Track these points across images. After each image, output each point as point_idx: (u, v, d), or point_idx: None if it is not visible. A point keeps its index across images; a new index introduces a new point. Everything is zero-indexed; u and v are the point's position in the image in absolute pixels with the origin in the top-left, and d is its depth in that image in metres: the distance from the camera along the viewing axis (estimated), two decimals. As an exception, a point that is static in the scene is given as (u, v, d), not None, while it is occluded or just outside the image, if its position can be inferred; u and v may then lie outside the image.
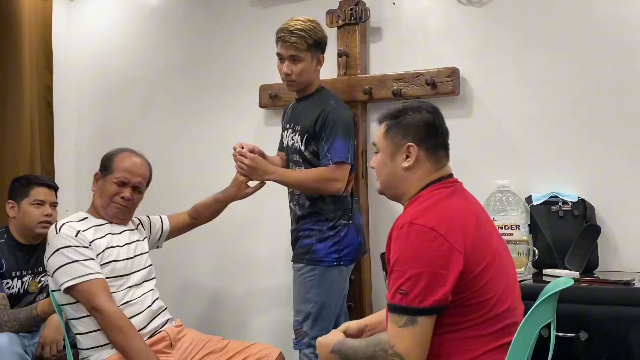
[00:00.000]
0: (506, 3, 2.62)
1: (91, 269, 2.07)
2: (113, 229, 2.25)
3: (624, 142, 2.42)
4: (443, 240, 1.52)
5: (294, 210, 2.53)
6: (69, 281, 2.04)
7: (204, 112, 3.30)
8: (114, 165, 2.26)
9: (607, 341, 1.94)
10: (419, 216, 1.56)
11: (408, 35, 2.79)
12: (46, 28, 3.38)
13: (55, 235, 2.12)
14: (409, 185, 1.70)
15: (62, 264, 2.06)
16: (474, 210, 1.68)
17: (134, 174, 2.27)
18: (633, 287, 2.03)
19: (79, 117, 3.65)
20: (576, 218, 2.36)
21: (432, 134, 1.70)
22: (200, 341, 2.27)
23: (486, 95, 2.64)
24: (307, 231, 2.43)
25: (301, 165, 2.46)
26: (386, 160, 1.73)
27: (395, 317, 1.54)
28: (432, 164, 1.70)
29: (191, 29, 3.35)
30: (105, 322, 2.02)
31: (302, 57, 2.39)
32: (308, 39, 2.38)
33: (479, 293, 1.55)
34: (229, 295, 3.23)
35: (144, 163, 2.33)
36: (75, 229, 2.14)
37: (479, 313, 1.55)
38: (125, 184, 2.25)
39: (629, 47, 2.42)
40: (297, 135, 2.45)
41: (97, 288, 2.04)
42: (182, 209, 2.62)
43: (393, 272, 1.57)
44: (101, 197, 2.25)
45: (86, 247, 2.11)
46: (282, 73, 2.44)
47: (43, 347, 2.34)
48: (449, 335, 1.56)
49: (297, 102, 2.54)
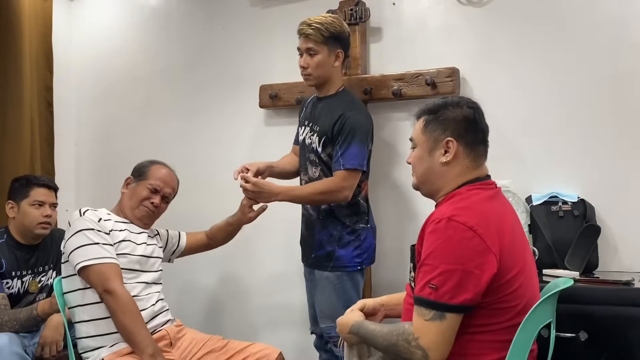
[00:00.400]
0: (506, 3, 2.62)
1: (109, 252, 2.13)
2: (132, 228, 2.32)
3: (623, 142, 2.42)
4: (480, 241, 1.50)
5: (308, 214, 2.51)
6: (85, 261, 2.08)
7: (204, 112, 3.29)
8: (149, 172, 2.37)
9: (607, 341, 1.94)
10: (458, 214, 1.53)
11: (408, 35, 2.79)
12: (46, 28, 3.38)
13: (79, 217, 2.20)
14: (446, 181, 1.67)
15: (81, 244, 2.11)
16: (510, 217, 1.66)
17: (166, 184, 2.38)
18: (633, 287, 2.03)
19: (79, 117, 3.65)
20: (576, 218, 2.36)
21: (472, 130, 1.67)
22: (200, 340, 2.28)
23: (486, 95, 2.63)
24: (327, 237, 2.43)
25: (317, 166, 2.45)
26: (424, 155, 1.70)
27: (422, 310, 1.51)
28: (471, 160, 1.67)
29: (191, 29, 3.35)
30: (117, 304, 2.04)
31: (318, 50, 2.40)
32: (324, 32, 2.38)
33: (507, 299, 1.54)
34: (229, 296, 3.23)
35: (175, 177, 2.45)
36: (98, 216, 2.23)
37: (503, 318, 1.55)
38: (157, 192, 2.35)
39: (629, 47, 2.42)
40: (315, 136, 2.45)
41: (113, 271, 2.09)
42: (182, 208, 2.62)
43: (424, 265, 1.54)
44: (131, 199, 2.34)
45: (107, 233, 2.19)
46: (300, 67, 2.45)
47: (43, 347, 2.34)
48: (470, 337, 1.54)
49: (318, 100, 2.53)
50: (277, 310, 3.07)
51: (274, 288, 3.09)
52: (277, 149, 2.77)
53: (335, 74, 2.48)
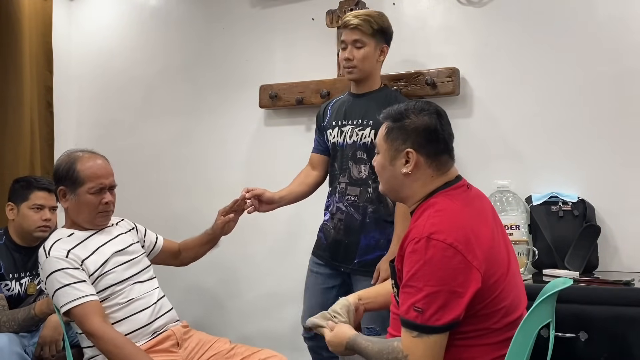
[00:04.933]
0: (506, 3, 2.62)
1: (82, 291, 1.99)
2: (101, 238, 2.19)
3: (623, 142, 2.42)
4: (462, 258, 1.48)
5: (349, 217, 2.39)
6: (64, 306, 1.99)
7: (204, 112, 3.29)
8: (80, 175, 2.12)
9: (607, 341, 1.94)
10: (437, 230, 1.51)
11: (408, 35, 2.79)
12: (46, 28, 3.38)
13: (46, 259, 2.04)
14: (412, 190, 1.66)
15: (55, 289, 2.00)
16: (491, 221, 1.65)
17: (104, 175, 2.16)
18: (633, 287, 2.03)
19: (79, 117, 3.65)
20: (576, 218, 2.36)
21: (433, 139, 1.64)
22: (207, 342, 2.24)
23: (486, 95, 2.64)
24: (374, 241, 2.36)
25: (366, 163, 2.36)
26: (385, 163, 1.69)
27: (410, 330, 1.51)
28: (434, 169, 1.65)
29: (191, 29, 3.35)
30: (101, 345, 1.97)
31: (366, 42, 2.35)
32: (374, 24, 2.34)
33: (490, 304, 1.54)
34: (233, 298, 3.22)
35: (104, 160, 2.21)
36: (65, 249, 2.06)
37: (488, 323, 1.55)
38: (102, 189, 2.14)
39: (629, 47, 2.42)
40: (369, 130, 2.36)
41: (90, 311, 1.97)
42: (182, 208, 2.62)
43: (408, 287, 1.52)
44: (82, 213, 2.14)
45: (77, 268, 2.03)
46: (343, 60, 2.38)
47: (42, 347, 2.34)
48: (461, 343, 1.54)
49: (356, 96, 2.46)
50: (283, 314, 3.06)
51: (280, 291, 3.08)
52: (277, 149, 2.77)
53: (377, 70, 2.44)
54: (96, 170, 2.14)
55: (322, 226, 2.53)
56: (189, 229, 2.60)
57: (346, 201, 2.40)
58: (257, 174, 3.07)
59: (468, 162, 2.49)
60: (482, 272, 1.50)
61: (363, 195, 2.37)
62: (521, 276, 1.73)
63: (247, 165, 3.16)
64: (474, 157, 2.60)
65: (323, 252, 2.49)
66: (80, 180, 2.12)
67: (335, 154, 2.47)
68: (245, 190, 2.40)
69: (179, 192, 3.26)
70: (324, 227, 2.51)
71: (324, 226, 2.51)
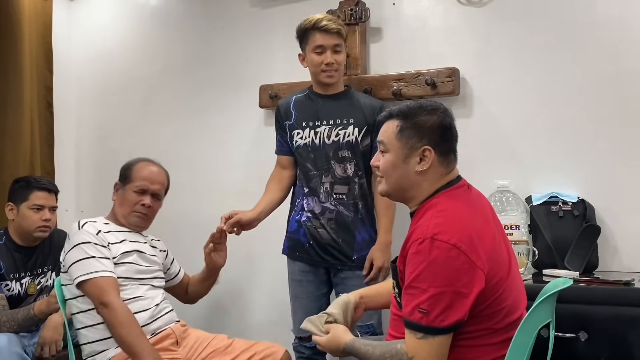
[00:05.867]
0: (506, 3, 2.62)
1: (105, 266, 2.11)
2: (131, 236, 2.30)
3: (623, 142, 2.42)
4: (466, 258, 1.48)
5: (340, 215, 2.40)
6: (82, 275, 2.08)
7: (204, 112, 3.29)
8: (133, 174, 2.32)
9: (607, 341, 1.94)
10: (440, 231, 1.50)
11: (408, 35, 2.79)
12: (46, 28, 3.38)
13: (78, 231, 2.18)
14: (421, 189, 1.65)
15: (79, 259, 2.11)
16: (491, 221, 1.65)
17: (153, 182, 2.33)
18: (633, 287, 2.03)
19: (79, 117, 3.65)
20: (576, 218, 2.36)
21: (447, 137, 1.65)
22: (205, 339, 2.28)
23: (486, 95, 2.63)
24: (368, 236, 2.40)
25: (350, 161, 2.40)
26: (397, 161, 1.65)
27: (414, 332, 1.51)
28: (444, 167, 1.65)
29: (191, 29, 3.34)
30: (113, 317, 2.04)
31: (343, 46, 2.43)
32: (345, 29, 2.44)
33: (493, 304, 1.54)
34: (230, 296, 3.22)
35: (161, 171, 2.40)
36: (96, 228, 2.21)
37: (490, 323, 1.55)
38: (145, 192, 2.31)
39: (629, 47, 2.42)
40: (352, 128, 2.39)
41: (109, 285, 2.08)
42: (182, 208, 2.62)
43: (412, 288, 1.52)
44: (122, 206, 2.31)
45: (104, 246, 2.16)
46: (324, 64, 2.40)
47: (42, 347, 2.34)
48: (464, 343, 1.55)
49: (326, 98, 2.49)
50: (280, 310, 3.06)
51: (277, 287, 3.08)
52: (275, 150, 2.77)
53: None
54: (148, 174, 2.33)
55: (297, 228, 2.48)
56: (189, 229, 2.61)
57: (334, 200, 2.41)
58: (257, 174, 3.06)
59: (468, 162, 2.47)
60: (485, 272, 1.50)
61: (352, 193, 2.40)
62: (521, 276, 1.73)
63: (247, 165, 3.15)
64: (474, 157, 2.59)
65: (307, 255, 2.47)
66: (130, 177, 2.32)
67: (306, 154, 2.47)
68: (223, 221, 2.40)
69: (178, 192, 3.25)
70: (304, 227, 2.46)
71: (304, 226, 2.46)
